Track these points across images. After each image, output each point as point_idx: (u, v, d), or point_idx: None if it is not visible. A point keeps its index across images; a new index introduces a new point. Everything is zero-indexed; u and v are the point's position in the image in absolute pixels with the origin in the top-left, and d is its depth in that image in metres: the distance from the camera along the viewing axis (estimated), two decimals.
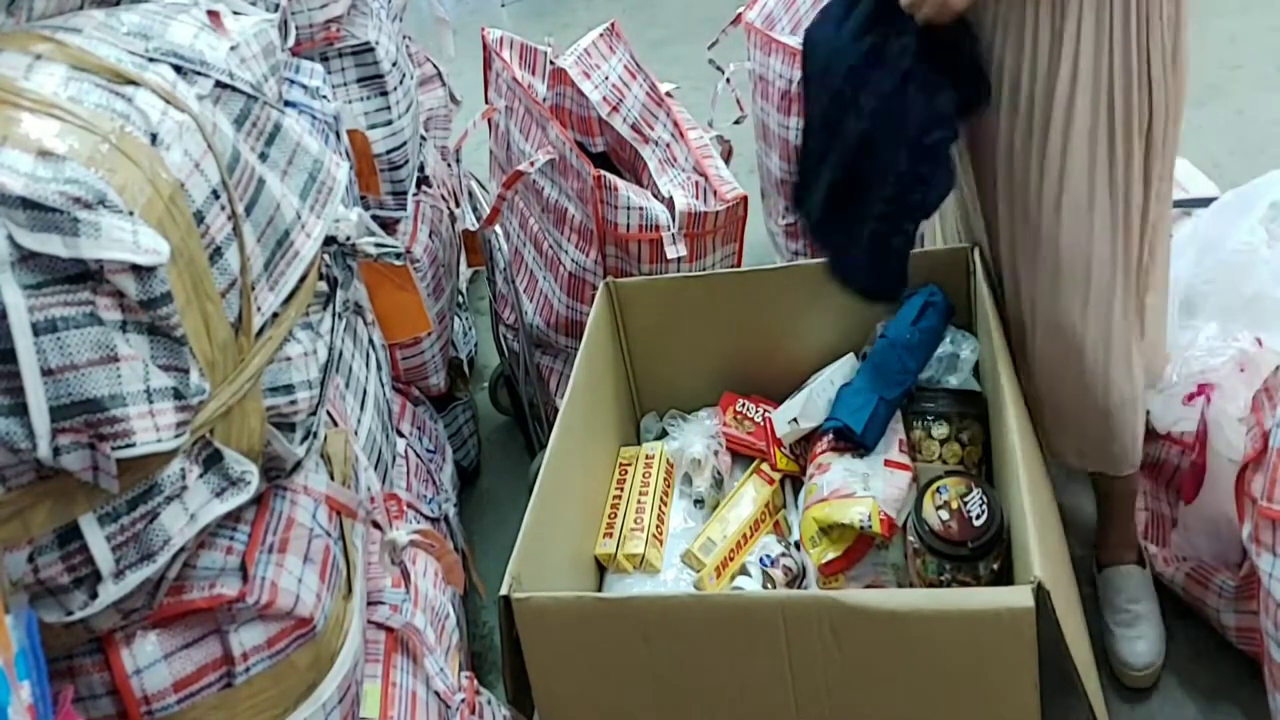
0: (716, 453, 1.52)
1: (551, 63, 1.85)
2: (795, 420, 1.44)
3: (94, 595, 0.78)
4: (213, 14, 0.95)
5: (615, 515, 1.43)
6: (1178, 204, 1.65)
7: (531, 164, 1.73)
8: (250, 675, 0.88)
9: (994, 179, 1.29)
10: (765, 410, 1.55)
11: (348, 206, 1.08)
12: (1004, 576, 1.19)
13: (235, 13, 1.00)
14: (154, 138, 0.78)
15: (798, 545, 1.36)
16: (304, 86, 1.20)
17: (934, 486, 1.24)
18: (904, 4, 1.13)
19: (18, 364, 0.69)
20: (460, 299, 2.24)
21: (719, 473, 1.51)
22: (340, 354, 1.15)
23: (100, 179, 0.72)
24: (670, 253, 1.66)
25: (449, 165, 2.15)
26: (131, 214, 0.73)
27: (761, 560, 1.35)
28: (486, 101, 2.03)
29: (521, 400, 2.00)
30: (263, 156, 0.94)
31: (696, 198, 1.72)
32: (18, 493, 0.73)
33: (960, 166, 1.35)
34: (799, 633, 0.99)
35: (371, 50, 1.62)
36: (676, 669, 1.06)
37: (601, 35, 1.87)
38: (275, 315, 0.92)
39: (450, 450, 1.86)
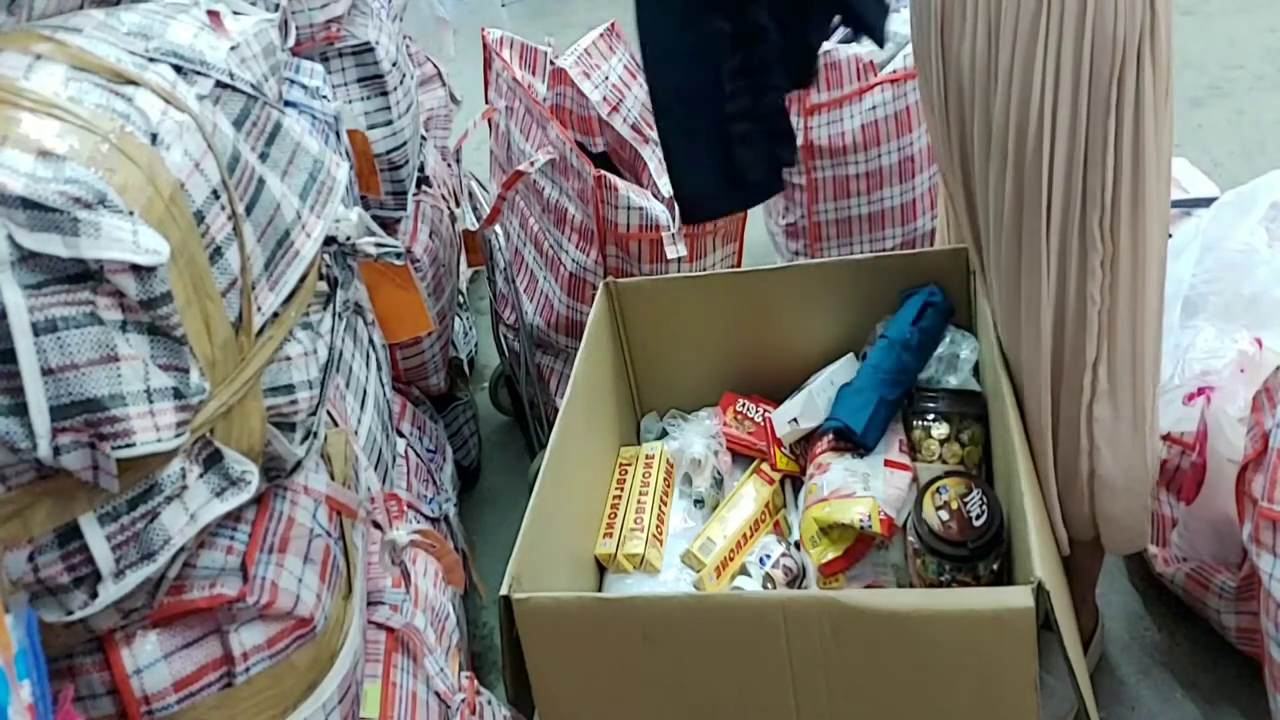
0: (716, 453, 1.51)
1: (551, 63, 1.85)
2: (795, 420, 1.44)
3: (94, 595, 0.78)
4: (213, 14, 0.95)
5: (615, 515, 1.43)
6: (1177, 204, 1.65)
7: (531, 164, 1.73)
8: (250, 675, 0.88)
9: None
10: (765, 410, 1.55)
11: (348, 206, 1.08)
12: (1004, 576, 1.19)
13: (235, 13, 1.00)
14: (154, 138, 0.78)
15: (798, 545, 1.36)
16: (304, 86, 1.20)
17: (934, 486, 1.24)
18: None
19: (18, 364, 0.69)
20: (460, 299, 2.24)
21: (719, 473, 1.50)
22: (340, 354, 1.15)
23: (100, 179, 0.72)
24: (670, 253, 1.66)
25: (449, 165, 2.15)
26: (131, 214, 0.73)
27: (761, 560, 1.35)
28: (486, 101, 2.03)
29: (521, 400, 2.00)
30: (263, 156, 0.94)
31: None
32: (18, 492, 0.73)
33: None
34: (799, 633, 0.99)
35: (371, 50, 1.62)
36: (676, 669, 1.06)
37: (601, 35, 1.87)
38: (275, 315, 0.92)
39: (450, 450, 1.86)
